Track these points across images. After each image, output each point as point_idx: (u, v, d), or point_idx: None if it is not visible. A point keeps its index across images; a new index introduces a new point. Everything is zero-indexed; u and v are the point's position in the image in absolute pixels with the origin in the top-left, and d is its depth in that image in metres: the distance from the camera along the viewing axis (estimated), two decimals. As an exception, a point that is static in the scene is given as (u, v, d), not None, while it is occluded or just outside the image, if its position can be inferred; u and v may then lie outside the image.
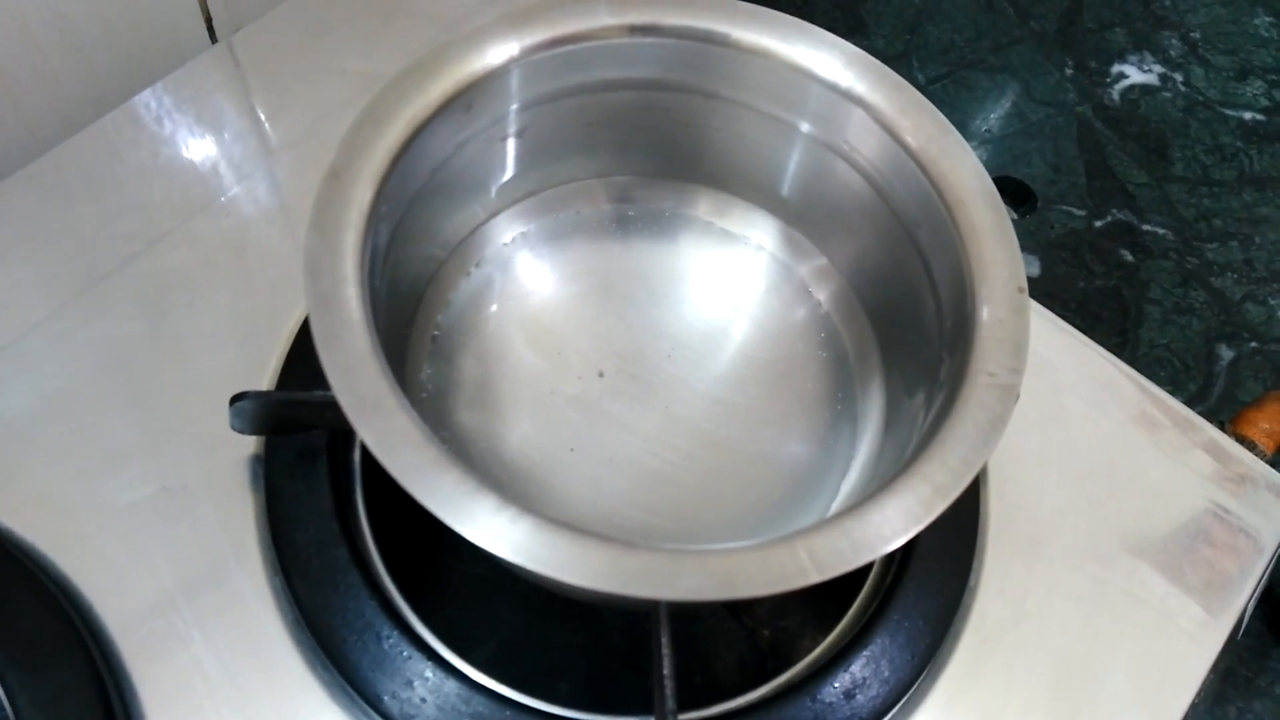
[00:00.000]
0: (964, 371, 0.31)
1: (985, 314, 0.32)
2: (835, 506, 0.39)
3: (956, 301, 0.34)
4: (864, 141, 0.37)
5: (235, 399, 0.37)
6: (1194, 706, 0.42)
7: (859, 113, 0.36)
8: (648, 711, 0.38)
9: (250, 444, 0.41)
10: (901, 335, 0.40)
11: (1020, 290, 0.33)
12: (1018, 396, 0.31)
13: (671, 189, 0.44)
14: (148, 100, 0.50)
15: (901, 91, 0.36)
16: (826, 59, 0.37)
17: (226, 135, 0.50)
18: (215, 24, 0.57)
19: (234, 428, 0.38)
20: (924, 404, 0.35)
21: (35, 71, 0.50)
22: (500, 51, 0.35)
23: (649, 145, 0.42)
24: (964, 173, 0.35)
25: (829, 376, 0.42)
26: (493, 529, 0.27)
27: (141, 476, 0.40)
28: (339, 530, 0.38)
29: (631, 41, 0.37)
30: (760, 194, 0.43)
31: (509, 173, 0.41)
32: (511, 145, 0.40)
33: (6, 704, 0.34)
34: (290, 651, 0.37)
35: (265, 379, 0.43)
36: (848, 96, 0.36)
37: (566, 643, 0.47)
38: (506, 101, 0.37)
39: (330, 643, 0.37)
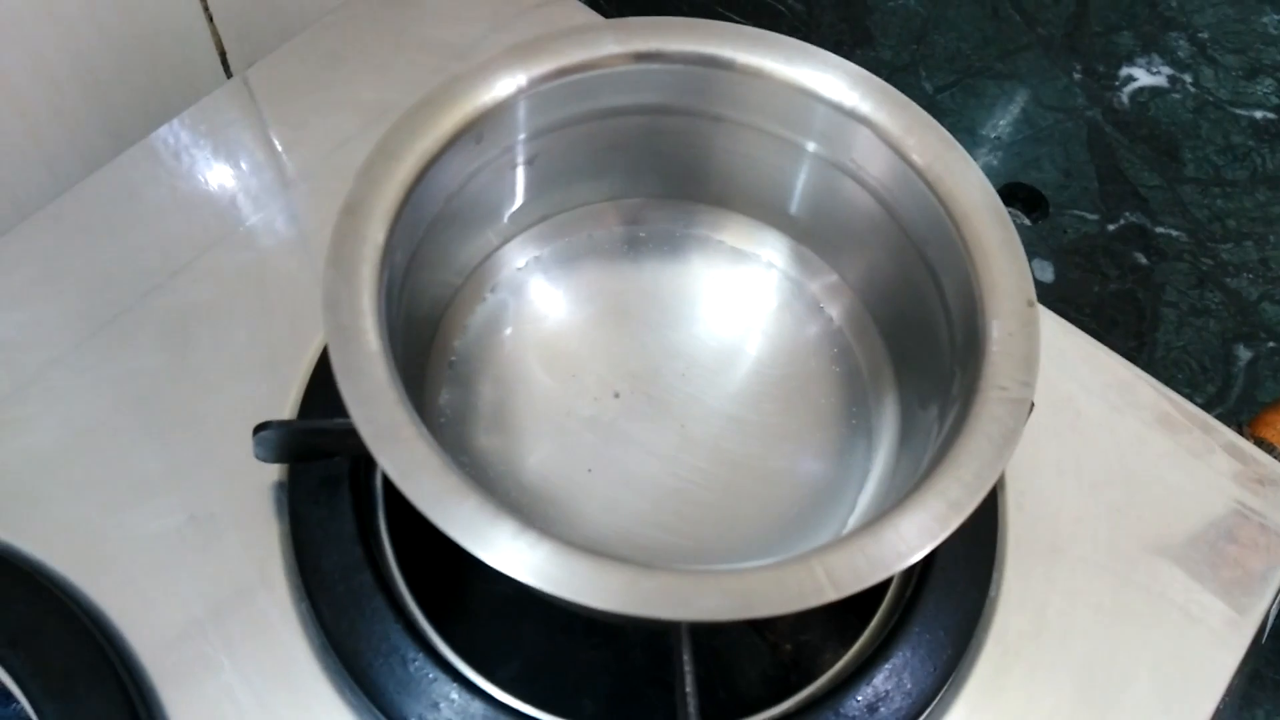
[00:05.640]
0: (975, 386, 0.32)
1: (995, 329, 0.32)
2: (853, 521, 0.39)
3: (966, 316, 0.34)
4: (870, 160, 0.37)
5: (258, 429, 0.38)
6: (1220, 710, 0.41)
7: (864, 131, 0.37)
8: (672, 728, 0.39)
9: (274, 472, 0.42)
10: (914, 350, 0.40)
11: (1030, 304, 0.33)
12: (1030, 410, 0.31)
13: (681, 210, 0.45)
14: (165, 136, 0.51)
15: (906, 109, 0.36)
16: (830, 79, 0.37)
17: (243, 168, 0.50)
18: (230, 58, 0.58)
19: (258, 456, 0.39)
20: (938, 417, 0.35)
21: (54, 109, 0.51)
22: (508, 83, 0.36)
23: (658, 168, 0.43)
24: (969, 188, 0.35)
25: (843, 392, 0.42)
26: (512, 553, 0.28)
27: (168, 506, 0.41)
28: (363, 555, 0.39)
29: (637, 69, 0.38)
30: (769, 212, 0.44)
31: (521, 200, 0.42)
32: (522, 173, 0.40)
33: (42, 734, 0.35)
34: (318, 676, 0.38)
35: (287, 408, 0.43)
36: (853, 116, 0.37)
37: (590, 660, 0.47)
38: (516, 131, 0.38)
39: (356, 666, 0.37)
